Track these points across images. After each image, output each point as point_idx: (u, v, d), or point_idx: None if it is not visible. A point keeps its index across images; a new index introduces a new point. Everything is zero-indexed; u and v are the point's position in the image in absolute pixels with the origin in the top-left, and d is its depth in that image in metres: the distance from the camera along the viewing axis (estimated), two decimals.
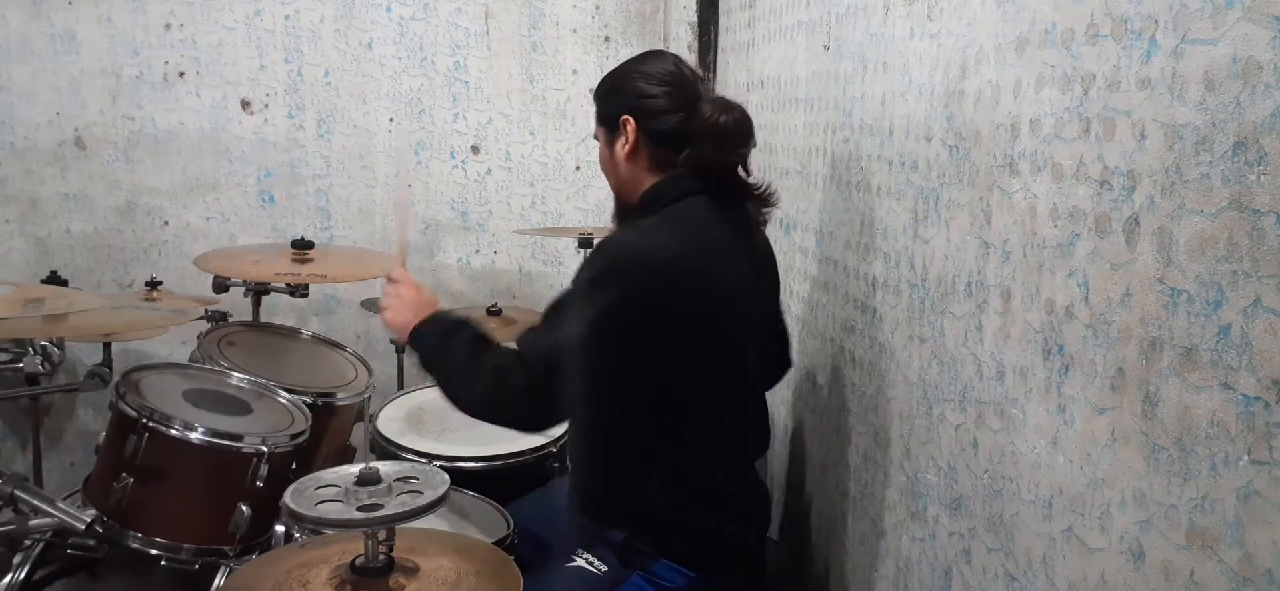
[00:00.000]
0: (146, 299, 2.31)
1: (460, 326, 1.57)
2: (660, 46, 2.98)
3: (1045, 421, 1.07)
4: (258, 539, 1.77)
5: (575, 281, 1.50)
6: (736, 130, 1.55)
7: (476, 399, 1.52)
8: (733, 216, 1.57)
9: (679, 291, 1.46)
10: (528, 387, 1.45)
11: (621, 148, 1.59)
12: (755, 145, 1.59)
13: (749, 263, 1.62)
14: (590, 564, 1.54)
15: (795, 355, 2.09)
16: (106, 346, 2.26)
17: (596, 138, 1.68)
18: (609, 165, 1.65)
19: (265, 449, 1.73)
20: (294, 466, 1.78)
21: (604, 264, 1.47)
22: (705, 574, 1.54)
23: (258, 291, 2.37)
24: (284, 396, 1.96)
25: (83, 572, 1.85)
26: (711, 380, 1.53)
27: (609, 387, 1.48)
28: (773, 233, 2.26)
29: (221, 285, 2.34)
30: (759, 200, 1.62)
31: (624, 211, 1.67)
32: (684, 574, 1.53)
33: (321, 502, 1.19)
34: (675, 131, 1.56)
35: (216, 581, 1.70)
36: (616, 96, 1.61)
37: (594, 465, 1.60)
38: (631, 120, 1.57)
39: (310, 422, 1.89)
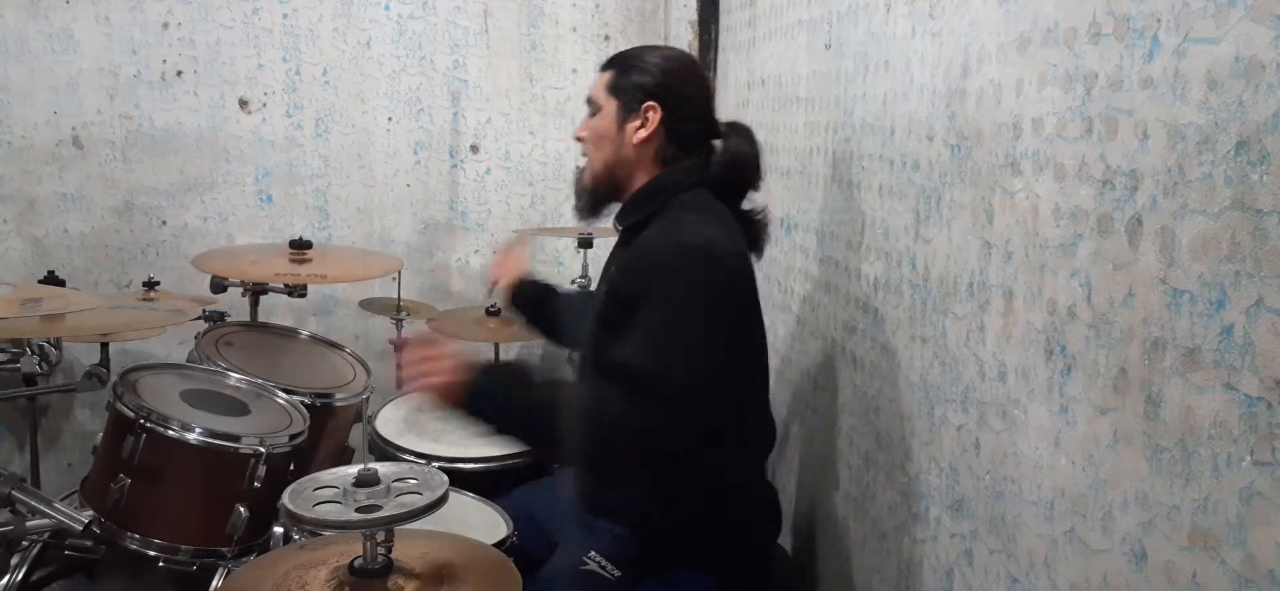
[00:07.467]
0: (144, 299, 2.30)
1: (519, 375, 1.47)
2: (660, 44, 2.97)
3: (1047, 422, 1.07)
4: (256, 540, 1.76)
5: (637, 290, 1.39)
6: (749, 165, 1.55)
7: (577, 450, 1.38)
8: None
9: (737, 284, 1.42)
10: (625, 413, 1.31)
11: (634, 129, 1.52)
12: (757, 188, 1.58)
13: None
14: (603, 568, 1.49)
15: (796, 356, 2.09)
16: (104, 347, 2.26)
17: (590, 103, 1.61)
18: (606, 139, 1.56)
19: (263, 450, 1.72)
20: (292, 467, 1.78)
21: (670, 265, 1.38)
22: (723, 577, 1.50)
23: (256, 291, 2.37)
24: (282, 397, 1.96)
25: (80, 574, 1.84)
26: (748, 377, 1.51)
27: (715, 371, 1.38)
28: (774, 233, 2.26)
29: (219, 285, 2.34)
30: (748, 223, 1.58)
31: (603, 189, 1.59)
32: (703, 579, 1.49)
33: (320, 504, 1.19)
34: (695, 137, 1.55)
35: (214, 583, 1.70)
36: (646, 76, 1.53)
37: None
38: (659, 110, 1.51)
39: (308, 423, 1.88)
